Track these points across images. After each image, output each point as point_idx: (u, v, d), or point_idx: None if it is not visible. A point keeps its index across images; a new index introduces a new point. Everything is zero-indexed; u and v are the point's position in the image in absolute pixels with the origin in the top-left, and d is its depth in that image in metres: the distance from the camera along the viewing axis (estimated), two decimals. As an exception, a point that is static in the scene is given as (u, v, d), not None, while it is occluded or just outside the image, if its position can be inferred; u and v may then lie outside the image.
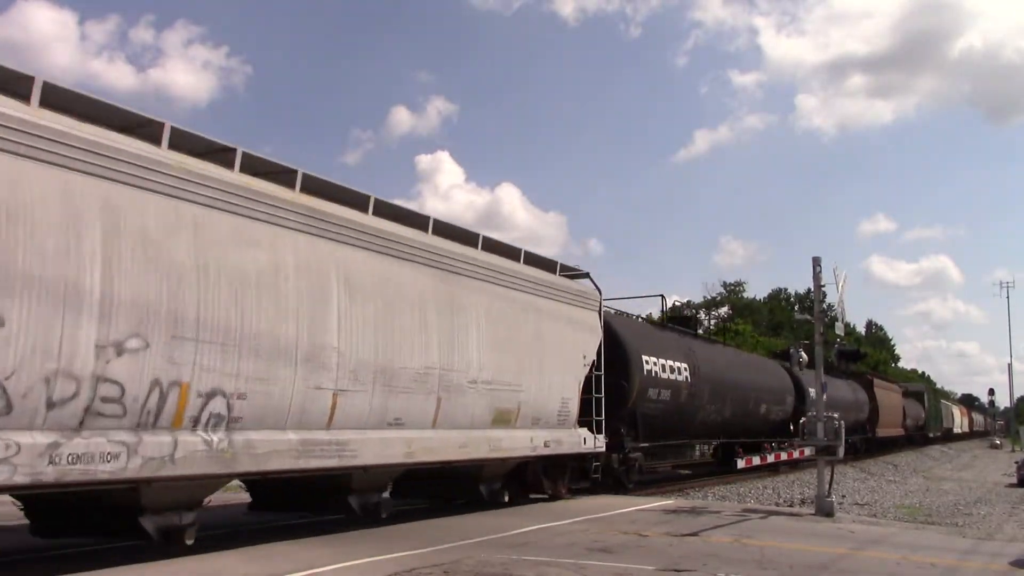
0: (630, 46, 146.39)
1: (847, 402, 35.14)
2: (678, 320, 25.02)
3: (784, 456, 25.71)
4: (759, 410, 25.82)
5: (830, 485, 15.03)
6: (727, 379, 23.29)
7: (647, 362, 18.42)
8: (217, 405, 8.45)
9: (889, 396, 44.37)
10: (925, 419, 56.28)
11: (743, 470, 23.67)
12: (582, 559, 9.14)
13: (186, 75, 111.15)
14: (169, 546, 8.66)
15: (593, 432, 15.70)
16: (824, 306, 16.10)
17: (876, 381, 43.03)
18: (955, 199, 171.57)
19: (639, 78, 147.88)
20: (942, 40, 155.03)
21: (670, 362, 19.63)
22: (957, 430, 77.43)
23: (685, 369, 20.25)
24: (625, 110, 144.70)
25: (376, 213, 11.23)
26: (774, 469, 26.53)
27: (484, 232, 13.85)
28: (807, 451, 22.56)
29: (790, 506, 17.69)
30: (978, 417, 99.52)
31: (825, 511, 14.57)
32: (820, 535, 12.13)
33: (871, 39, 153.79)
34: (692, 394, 20.58)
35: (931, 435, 58.87)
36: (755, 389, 25.58)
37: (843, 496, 19.75)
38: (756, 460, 24.13)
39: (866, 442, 39.34)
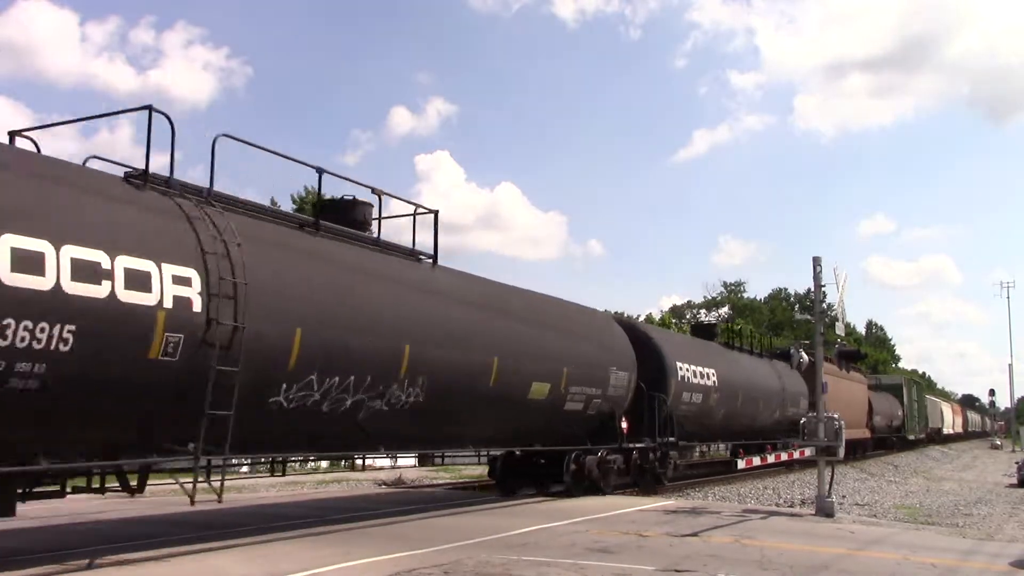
0: (629, 48, 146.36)
1: (765, 389, 24.91)
2: (331, 211, 12.07)
3: (785, 456, 25.65)
4: (526, 394, 14.14)
5: (830, 485, 15.03)
6: (416, 326, 11.74)
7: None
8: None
9: (846, 387, 33.51)
10: (904, 418, 46.91)
11: (744, 470, 23.64)
12: (582, 559, 9.13)
13: (186, 76, 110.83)
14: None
15: None
16: (824, 306, 16.09)
17: (825, 365, 34.20)
18: (955, 199, 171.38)
19: (638, 79, 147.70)
20: (940, 40, 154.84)
21: (134, 263, 8.18)
22: (948, 430, 68.33)
23: (191, 280, 8.71)
24: (625, 111, 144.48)
25: None
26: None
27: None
28: (807, 451, 22.56)
29: (790, 506, 17.68)
30: (974, 416, 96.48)
31: (825, 511, 14.57)
32: (820, 535, 12.12)
33: (869, 40, 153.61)
34: (235, 351, 8.97)
35: (912, 438, 49.34)
36: (515, 356, 13.80)
37: (843, 496, 19.76)
38: (756, 460, 24.11)
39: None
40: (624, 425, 17.33)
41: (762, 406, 24.48)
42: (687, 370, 20.00)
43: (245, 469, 20.65)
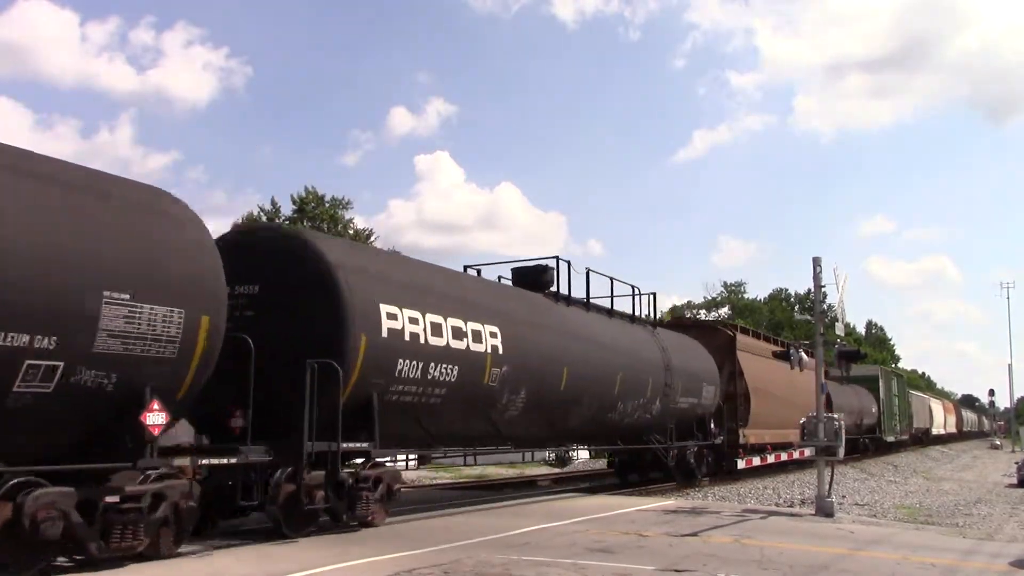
0: (629, 48, 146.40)
1: (631, 367, 16.87)
2: None
3: (784, 456, 25.60)
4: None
5: (830, 485, 15.02)
6: None
7: None
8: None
9: (782, 374, 22.03)
10: (879, 416, 39.37)
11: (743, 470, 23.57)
12: (582, 559, 9.13)
13: (186, 76, 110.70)
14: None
15: None
16: (824, 306, 16.08)
17: (745, 341, 24.19)
18: (955, 199, 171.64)
19: (638, 79, 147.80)
20: (940, 41, 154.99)
21: None
22: (938, 431, 60.56)
23: None
24: (624, 111, 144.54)
25: None
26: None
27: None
28: (807, 451, 22.51)
29: (790, 506, 17.67)
30: (971, 416, 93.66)
31: (825, 511, 14.56)
32: (820, 535, 12.11)
33: (868, 40, 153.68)
34: None
35: (891, 439, 41.78)
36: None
37: (843, 496, 19.74)
38: (756, 461, 24.07)
39: (707, 454, 21.25)
40: (154, 423, 8.15)
41: (621, 392, 16.17)
42: (416, 322, 11.19)
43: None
